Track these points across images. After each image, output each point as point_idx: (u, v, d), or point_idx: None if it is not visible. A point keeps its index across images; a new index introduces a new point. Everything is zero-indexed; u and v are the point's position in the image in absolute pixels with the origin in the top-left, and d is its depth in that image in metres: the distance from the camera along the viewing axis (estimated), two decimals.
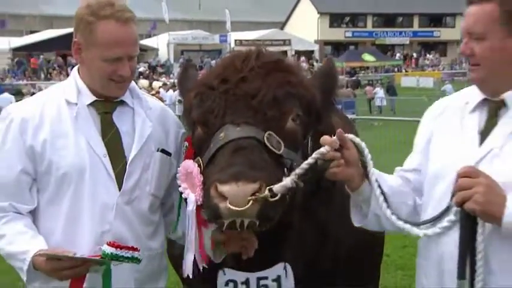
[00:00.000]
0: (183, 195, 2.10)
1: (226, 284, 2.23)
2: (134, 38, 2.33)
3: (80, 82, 2.36)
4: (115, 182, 2.30)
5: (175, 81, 13.84)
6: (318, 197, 2.21)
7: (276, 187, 1.83)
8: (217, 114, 2.05)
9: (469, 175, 1.88)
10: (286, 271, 2.23)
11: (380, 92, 24.51)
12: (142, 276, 2.36)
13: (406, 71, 45.66)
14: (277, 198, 1.83)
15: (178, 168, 2.18)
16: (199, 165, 2.02)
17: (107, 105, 2.37)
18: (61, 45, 35.63)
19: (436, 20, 58.30)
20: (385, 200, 2.04)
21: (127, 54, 2.28)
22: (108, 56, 2.25)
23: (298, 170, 1.90)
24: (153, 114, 2.45)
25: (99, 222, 2.28)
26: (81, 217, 2.29)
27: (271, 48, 2.48)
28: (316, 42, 52.81)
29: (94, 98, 2.34)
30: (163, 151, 2.41)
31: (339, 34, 56.09)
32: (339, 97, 2.62)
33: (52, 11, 51.88)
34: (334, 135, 2.03)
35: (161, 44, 45.57)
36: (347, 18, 57.47)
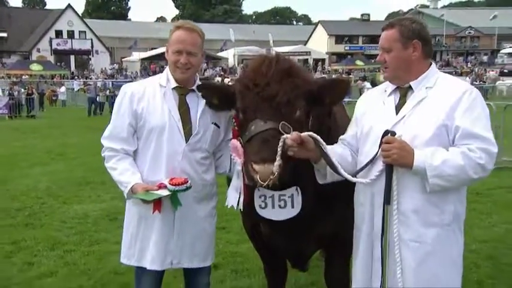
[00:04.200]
0: (232, 159, 2.69)
1: (260, 197, 2.70)
2: (192, 41, 2.75)
3: (169, 74, 2.87)
4: (183, 137, 2.81)
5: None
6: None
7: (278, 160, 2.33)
8: (252, 109, 2.52)
9: (388, 142, 2.32)
10: (298, 192, 2.70)
11: (367, 84, 27.12)
12: (199, 195, 2.91)
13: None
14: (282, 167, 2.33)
15: (230, 143, 2.69)
16: (240, 143, 2.57)
17: (183, 90, 2.85)
18: None
19: None
20: (334, 164, 2.47)
21: (185, 49, 2.73)
22: (174, 49, 2.76)
23: (278, 150, 2.35)
24: None
25: (172, 161, 2.80)
26: (161, 157, 2.81)
27: (298, 57, 7.52)
28: (326, 53, 59.47)
29: (176, 85, 2.85)
30: (215, 124, 2.91)
31: (341, 48, 62.45)
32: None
33: (165, 35, 30.70)
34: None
35: (230, 55, 52.17)
36: (346, 38, 63.18)
